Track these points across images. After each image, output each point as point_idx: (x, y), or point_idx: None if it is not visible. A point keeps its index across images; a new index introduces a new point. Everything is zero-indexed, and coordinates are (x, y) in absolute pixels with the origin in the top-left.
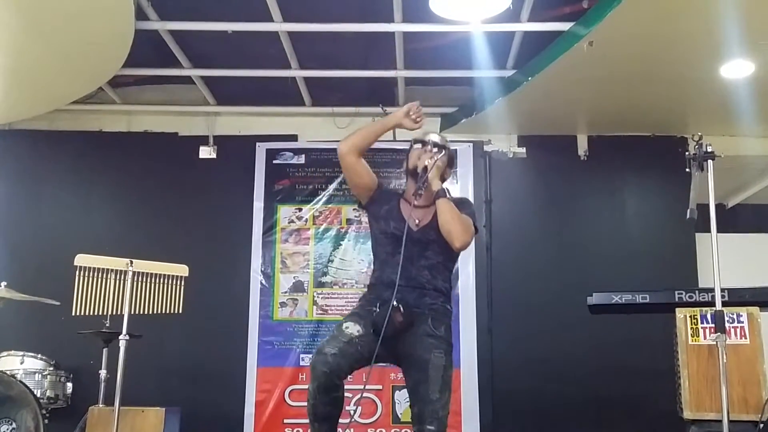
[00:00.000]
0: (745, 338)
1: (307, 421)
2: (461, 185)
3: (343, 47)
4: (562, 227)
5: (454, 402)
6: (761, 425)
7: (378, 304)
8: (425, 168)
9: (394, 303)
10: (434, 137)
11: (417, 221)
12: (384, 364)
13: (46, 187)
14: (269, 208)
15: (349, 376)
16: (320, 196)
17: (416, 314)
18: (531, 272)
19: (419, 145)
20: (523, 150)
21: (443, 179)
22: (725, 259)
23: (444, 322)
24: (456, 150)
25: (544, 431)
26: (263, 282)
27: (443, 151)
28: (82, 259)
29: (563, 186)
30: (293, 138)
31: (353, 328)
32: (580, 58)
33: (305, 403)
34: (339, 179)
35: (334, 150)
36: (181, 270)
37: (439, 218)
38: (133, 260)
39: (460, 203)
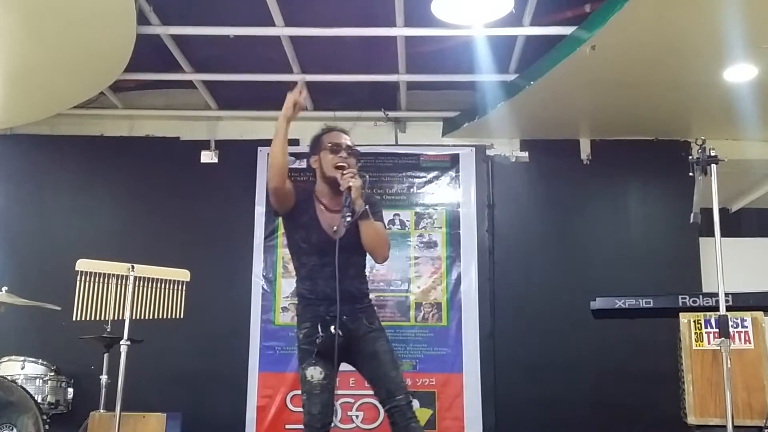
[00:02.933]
0: (750, 343)
1: None
2: (464, 189)
3: (344, 51)
4: (564, 231)
5: (457, 407)
6: (765, 430)
7: (320, 327)
8: (349, 189)
9: (332, 330)
10: (346, 139)
11: (334, 228)
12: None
13: (47, 191)
14: (271, 213)
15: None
16: None
17: (351, 321)
18: (534, 277)
19: (329, 146)
20: (525, 154)
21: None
22: (729, 264)
23: (375, 316)
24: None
25: None
26: (265, 287)
27: (359, 162)
28: (83, 264)
29: (566, 190)
30: (295, 142)
31: (316, 374)
32: (582, 62)
33: None
34: None
35: None
36: (183, 275)
37: (363, 239)
38: (135, 265)
39: (374, 209)
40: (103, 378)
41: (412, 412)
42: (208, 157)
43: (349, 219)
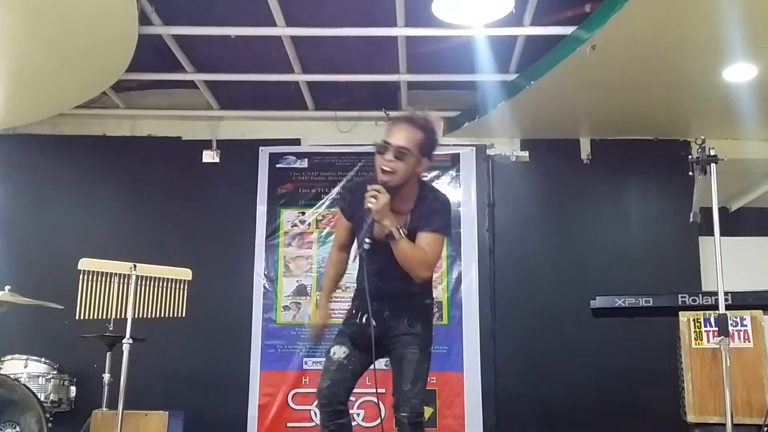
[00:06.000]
0: (749, 341)
1: (309, 424)
2: (464, 189)
3: (345, 51)
4: (564, 231)
5: (458, 405)
6: (765, 429)
7: (359, 316)
8: (369, 210)
9: (365, 320)
10: (399, 137)
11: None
12: (386, 368)
13: (49, 191)
14: (272, 212)
15: (351, 397)
16: (323, 200)
17: (392, 317)
18: (534, 276)
19: (378, 145)
20: (525, 154)
21: (400, 190)
22: (728, 263)
23: (420, 318)
24: (433, 128)
25: None
26: (266, 286)
27: (427, 158)
28: (85, 263)
29: (566, 189)
30: (296, 142)
31: (339, 352)
32: (582, 62)
33: (308, 407)
34: (341, 183)
35: (337, 154)
36: (185, 274)
37: (397, 258)
38: (137, 264)
39: (429, 216)
40: (106, 376)
41: (411, 430)
42: (209, 156)
43: (367, 246)
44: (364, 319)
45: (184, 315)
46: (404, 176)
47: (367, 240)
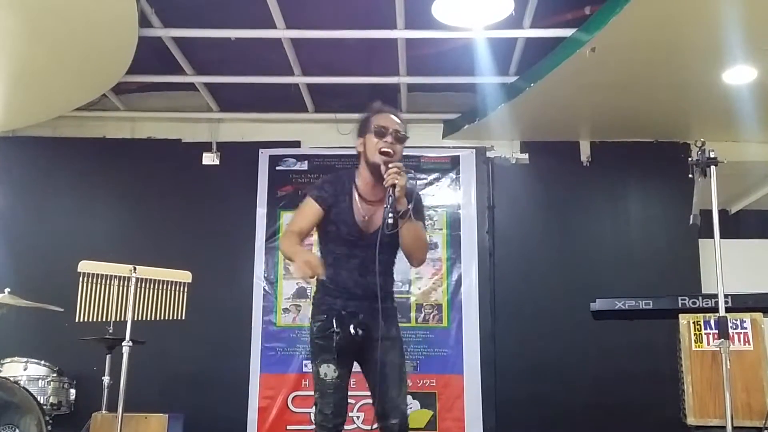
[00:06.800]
0: (749, 344)
1: (309, 427)
2: (464, 191)
3: (345, 54)
4: (564, 233)
5: (458, 408)
6: (765, 431)
7: (334, 322)
8: (393, 187)
9: (352, 330)
10: (395, 123)
11: (365, 217)
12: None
13: (49, 193)
14: (272, 215)
15: (350, 400)
16: None
17: (368, 318)
18: (534, 278)
19: (376, 128)
20: (525, 156)
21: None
22: (728, 265)
23: (394, 322)
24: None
25: None
26: (266, 288)
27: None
28: (85, 266)
29: (566, 192)
30: (296, 144)
31: (329, 371)
32: (582, 65)
33: (308, 410)
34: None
35: (337, 156)
36: (185, 276)
37: (402, 240)
38: (137, 266)
39: (417, 207)
40: (106, 379)
41: None
42: (209, 159)
43: (391, 221)
44: (349, 329)
45: (184, 317)
46: (397, 160)
47: (390, 215)
